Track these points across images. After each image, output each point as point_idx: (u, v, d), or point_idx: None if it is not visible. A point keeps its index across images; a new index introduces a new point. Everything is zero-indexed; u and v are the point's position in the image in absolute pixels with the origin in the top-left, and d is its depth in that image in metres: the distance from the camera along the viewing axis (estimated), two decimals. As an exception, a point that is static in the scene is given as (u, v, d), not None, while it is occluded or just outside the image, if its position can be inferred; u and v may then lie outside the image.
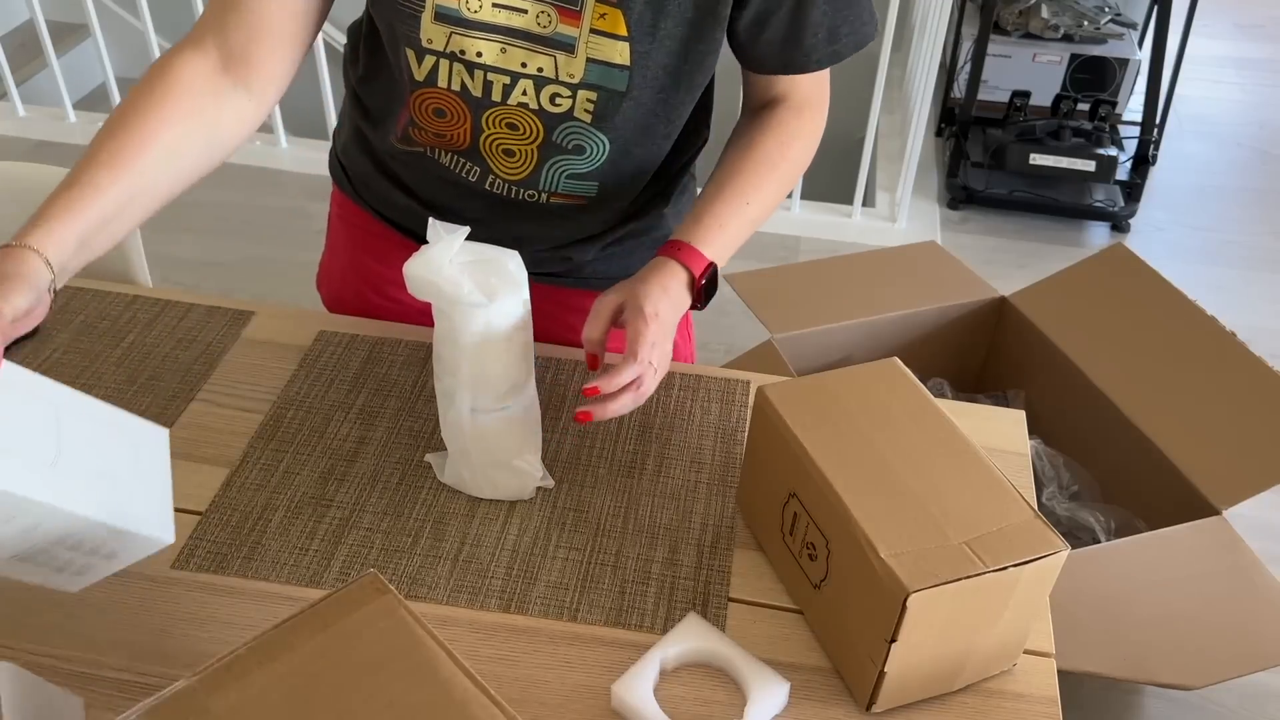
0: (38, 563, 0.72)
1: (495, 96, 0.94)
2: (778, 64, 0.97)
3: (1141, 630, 1.37)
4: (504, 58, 0.91)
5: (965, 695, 0.82)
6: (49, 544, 0.70)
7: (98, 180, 0.82)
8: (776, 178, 1.00)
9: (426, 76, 0.94)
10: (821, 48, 0.95)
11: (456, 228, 0.83)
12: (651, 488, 0.98)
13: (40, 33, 2.88)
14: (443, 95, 0.95)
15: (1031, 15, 3.12)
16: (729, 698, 0.81)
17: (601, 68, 0.91)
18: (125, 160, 0.83)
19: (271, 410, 1.04)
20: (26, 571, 0.73)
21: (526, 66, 0.91)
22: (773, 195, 1.01)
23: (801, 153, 1.02)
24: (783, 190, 1.02)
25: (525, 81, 0.92)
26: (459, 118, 0.97)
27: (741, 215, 0.98)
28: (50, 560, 0.72)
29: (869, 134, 2.77)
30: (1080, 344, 1.76)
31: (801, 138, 1.02)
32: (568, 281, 1.13)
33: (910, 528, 0.76)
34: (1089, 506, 1.66)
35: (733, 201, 0.98)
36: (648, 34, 0.89)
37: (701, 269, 0.94)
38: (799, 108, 1.02)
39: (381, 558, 0.91)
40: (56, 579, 0.74)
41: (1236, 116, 3.66)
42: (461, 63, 0.92)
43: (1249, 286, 2.81)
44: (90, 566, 0.75)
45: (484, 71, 0.92)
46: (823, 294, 1.86)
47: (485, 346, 0.85)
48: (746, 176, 0.99)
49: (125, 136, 0.84)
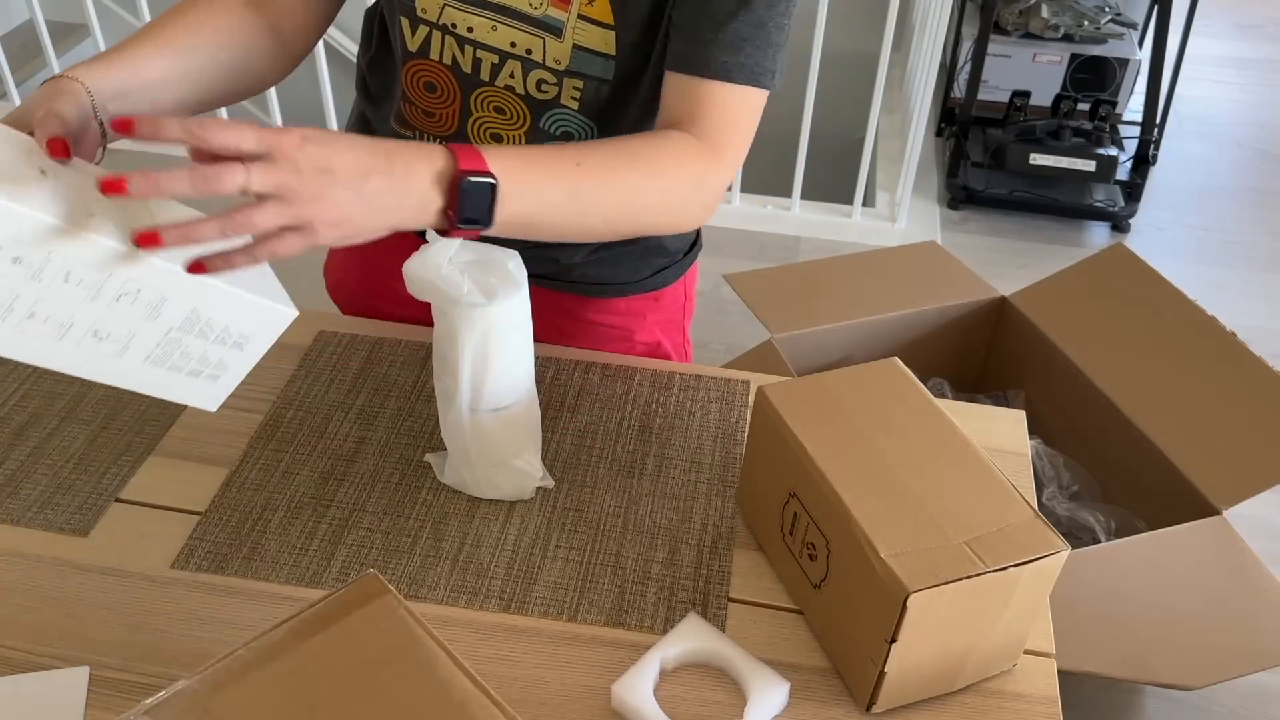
0: (173, 366, 0.73)
1: (484, 75, 0.94)
2: (677, 55, 0.88)
3: (1141, 630, 1.37)
4: (494, 35, 0.92)
5: (965, 695, 0.82)
6: (179, 329, 0.71)
7: (135, 50, 0.86)
8: (630, 169, 0.84)
9: (419, 47, 0.95)
10: (718, 52, 0.86)
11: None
12: (651, 488, 0.98)
13: (40, 33, 2.88)
14: (434, 68, 0.96)
15: (1031, 15, 3.12)
16: (729, 698, 0.81)
17: (587, 55, 0.91)
18: (163, 45, 0.87)
19: (271, 410, 1.04)
20: (163, 382, 0.74)
21: (515, 46, 0.92)
22: (616, 185, 0.84)
23: (673, 167, 0.86)
24: (631, 188, 0.85)
25: (513, 63, 0.93)
26: (449, 95, 0.97)
27: (563, 170, 0.80)
28: (184, 360, 0.74)
29: (869, 134, 2.77)
30: (1080, 344, 1.76)
31: (680, 156, 0.86)
32: (557, 285, 1.13)
33: (910, 528, 0.76)
34: (1089, 506, 1.66)
35: (563, 154, 0.81)
36: (633, 24, 0.89)
37: (473, 166, 0.75)
38: (698, 135, 0.88)
39: (381, 558, 0.91)
40: (194, 390, 0.76)
41: (1236, 116, 3.66)
42: (453, 36, 0.93)
43: (1249, 286, 2.81)
44: (224, 365, 0.76)
45: (474, 48, 0.93)
46: (823, 294, 1.86)
47: (485, 346, 0.85)
48: (594, 148, 0.84)
49: (163, 31, 0.88)
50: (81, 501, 0.94)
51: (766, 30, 0.87)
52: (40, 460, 0.98)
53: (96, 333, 0.70)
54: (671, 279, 1.16)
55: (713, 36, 0.87)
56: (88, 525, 0.92)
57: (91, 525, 0.92)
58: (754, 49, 0.87)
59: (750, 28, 0.86)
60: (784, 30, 0.89)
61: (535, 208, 0.79)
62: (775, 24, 0.87)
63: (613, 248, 1.10)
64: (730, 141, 0.89)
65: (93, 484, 0.96)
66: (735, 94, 0.87)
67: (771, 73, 0.89)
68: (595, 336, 1.16)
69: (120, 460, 0.98)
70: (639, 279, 1.14)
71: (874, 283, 1.90)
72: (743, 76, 0.87)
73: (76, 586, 0.87)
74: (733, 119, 0.88)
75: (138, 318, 0.70)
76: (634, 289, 1.15)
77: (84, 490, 0.95)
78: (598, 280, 1.13)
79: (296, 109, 2.93)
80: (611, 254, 1.11)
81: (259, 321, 0.76)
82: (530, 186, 0.78)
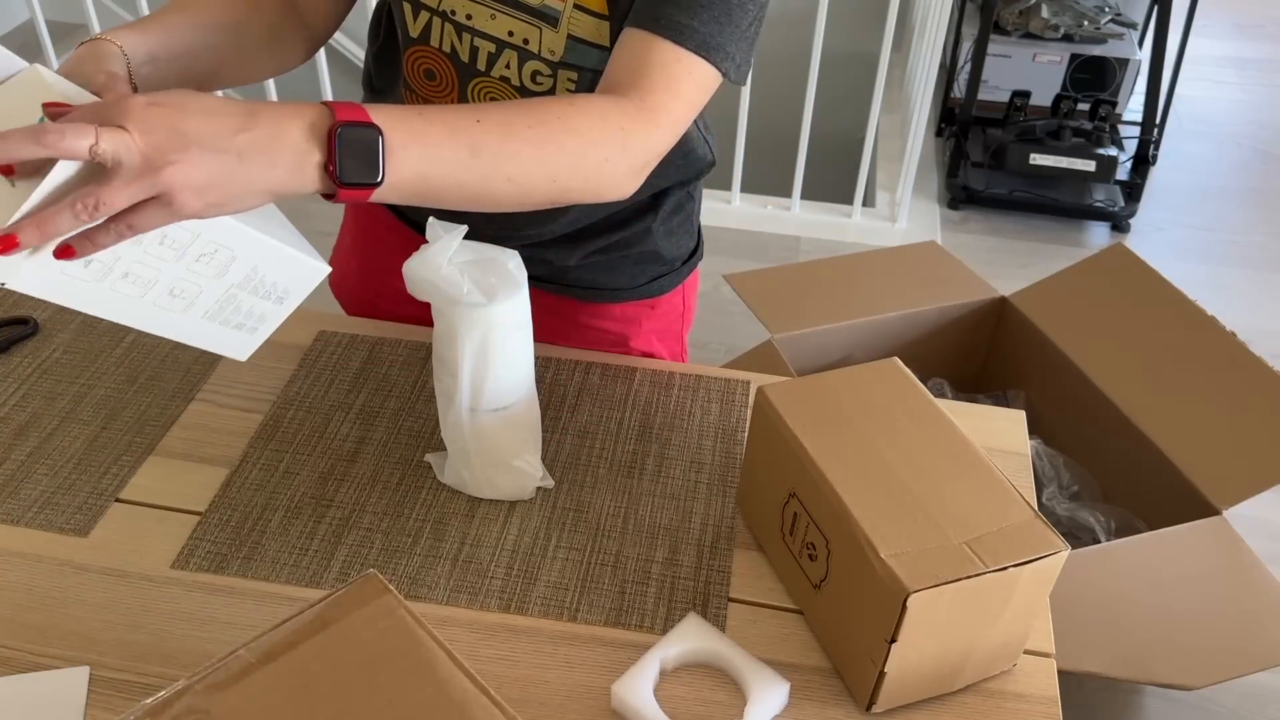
0: (224, 320, 0.78)
1: (480, 64, 0.95)
2: (632, 16, 0.84)
3: (1141, 630, 1.37)
4: (492, 24, 0.92)
5: (965, 695, 0.82)
6: (238, 286, 0.76)
7: (167, 20, 0.87)
8: (540, 124, 0.77)
9: (420, 33, 0.96)
10: (673, 12, 0.81)
11: (454, 225, 0.83)
12: (651, 488, 0.98)
13: (40, 33, 2.88)
14: (434, 55, 0.97)
15: (1031, 15, 3.12)
16: (729, 698, 0.81)
17: (581, 46, 0.91)
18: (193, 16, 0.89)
19: (271, 410, 1.04)
20: (210, 335, 0.78)
21: (513, 35, 0.92)
22: (522, 142, 0.76)
23: (592, 126, 0.79)
24: (541, 145, 0.77)
25: (510, 53, 0.93)
26: (447, 84, 0.97)
27: (461, 126, 0.74)
28: (235, 314, 0.77)
29: (869, 134, 2.77)
30: (1080, 344, 1.76)
31: (602, 115, 0.80)
32: (550, 287, 1.12)
33: (910, 528, 0.76)
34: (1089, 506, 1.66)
35: (462, 111, 0.75)
36: (626, 13, 0.88)
37: (352, 116, 0.69)
38: (636, 93, 0.82)
39: (381, 558, 0.91)
40: (233, 340, 0.79)
41: (1236, 116, 3.66)
42: (452, 23, 0.94)
43: (1249, 286, 2.81)
44: (264, 318, 0.79)
45: (472, 35, 0.93)
46: (823, 294, 1.86)
47: (485, 346, 0.85)
48: (497, 106, 0.78)
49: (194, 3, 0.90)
50: (81, 501, 0.94)
51: (729, 7, 0.83)
52: (40, 460, 0.98)
53: (173, 291, 0.73)
54: (668, 287, 1.16)
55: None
56: (88, 525, 0.92)
57: (91, 525, 0.92)
58: (710, 19, 0.82)
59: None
60: (748, 14, 0.84)
61: (431, 166, 0.72)
62: (740, 5, 0.83)
63: (608, 251, 1.09)
64: (666, 105, 0.82)
65: (93, 484, 0.96)
66: (682, 58, 0.82)
67: (727, 53, 0.84)
68: (590, 341, 1.15)
69: (120, 460, 0.98)
70: (635, 285, 1.13)
71: (874, 283, 1.90)
72: (692, 42, 0.82)
73: (76, 586, 0.87)
74: (674, 83, 0.82)
75: (209, 275, 0.74)
76: (630, 295, 1.14)
77: (84, 490, 0.95)
78: (593, 284, 1.12)
79: (296, 109, 2.92)
80: (606, 258, 1.10)
81: (299, 276, 0.80)
82: (422, 140, 0.72)
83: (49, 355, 1.09)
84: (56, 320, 1.14)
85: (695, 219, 1.15)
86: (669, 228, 1.10)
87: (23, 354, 1.09)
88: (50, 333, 1.12)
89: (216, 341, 0.79)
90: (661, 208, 1.08)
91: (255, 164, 0.66)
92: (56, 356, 1.09)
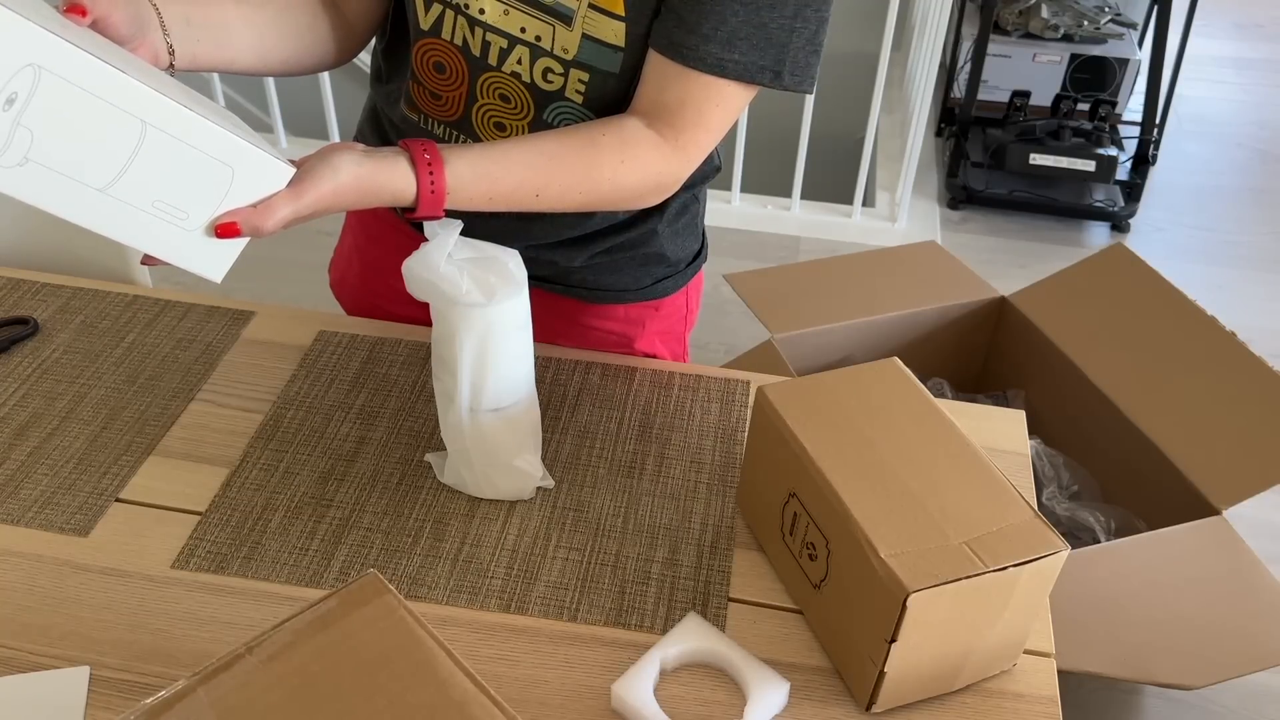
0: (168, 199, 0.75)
1: (492, 59, 0.94)
2: (665, 40, 0.88)
3: (1141, 630, 1.38)
4: (505, 19, 0.92)
5: (965, 695, 0.82)
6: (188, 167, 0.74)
7: None
8: (592, 187, 0.89)
9: (432, 25, 0.96)
10: (713, 48, 0.86)
11: (451, 221, 0.83)
12: (651, 488, 0.98)
13: None
14: (445, 48, 0.96)
15: (1031, 15, 3.12)
16: (729, 698, 0.81)
17: (595, 46, 0.91)
18: None
19: (271, 410, 1.04)
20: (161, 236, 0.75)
21: (525, 32, 0.92)
22: (571, 203, 0.90)
23: (632, 172, 0.90)
24: (586, 203, 0.91)
25: (522, 49, 0.93)
26: (457, 77, 0.97)
27: (522, 202, 0.88)
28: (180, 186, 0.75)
29: (869, 134, 2.77)
30: (1080, 344, 1.76)
31: (645, 165, 0.90)
32: (556, 288, 1.12)
33: (910, 528, 0.76)
34: (1089, 506, 1.66)
35: (524, 186, 0.87)
36: (645, 15, 0.89)
37: (429, 213, 0.84)
38: (671, 127, 0.90)
39: (381, 558, 0.91)
40: (205, 253, 0.78)
41: (1236, 116, 3.66)
42: (465, 17, 0.93)
43: (1249, 286, 2.81)
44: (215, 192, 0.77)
45: (484, 30, 0.93)
46: (823, 294, 1.86)
47: (485, 346, 0.85)
48: (556, 173, 0.88)
49: None
50: (81, 501, 0.94)
51: (768, 33, 0.86)
52: (40, 460, 0.98)
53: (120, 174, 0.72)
54: (672, 289, 1.16)
55: (710, 32, 0.86)
56: (88, 525, 0.92)
57: (91, 525, 0.92)
58: (752, 44, 0.87)
59: (754, 26, 0.86)
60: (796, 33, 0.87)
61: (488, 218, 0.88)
62: (783, 27, 0.87)
63: (613, 253, 1.09)
64: (697, 140, 0.91)
65: (93, 484, 0.96)
66: (709, 87, 0.89)
67: (769, 75, 0.89)
68: (593, 342, 1.15)
69: (120, 460, 0.98)
70: (639, 287, 1.13)
71: (874, 283, 1.90)
72: (734, 72, 0.88)
73: (76, 586, 0.87)
74: (704, 118, 0.90)
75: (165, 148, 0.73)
76: (634, 296, 1.14)
77: (84, 490, 0.95)
78: (597, 285, 1.12)
79: (297, 109, 2.92)
80: (612, 259, 1.10)
81: (258, 166, 0.78)
82: (487, 207, 0.87)
83: (49, 355, 1.09)
84: (56, 320, 1.14)
85: (700, 221, 1.15)
86: (674, 230, 1.10)
87: (23, 354, 1.10)
88: (50, 333, 1.12)
89: (179, 248, 0.77)
90: (667, 210, 1.08)
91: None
92: (56, 356, 1.09)
